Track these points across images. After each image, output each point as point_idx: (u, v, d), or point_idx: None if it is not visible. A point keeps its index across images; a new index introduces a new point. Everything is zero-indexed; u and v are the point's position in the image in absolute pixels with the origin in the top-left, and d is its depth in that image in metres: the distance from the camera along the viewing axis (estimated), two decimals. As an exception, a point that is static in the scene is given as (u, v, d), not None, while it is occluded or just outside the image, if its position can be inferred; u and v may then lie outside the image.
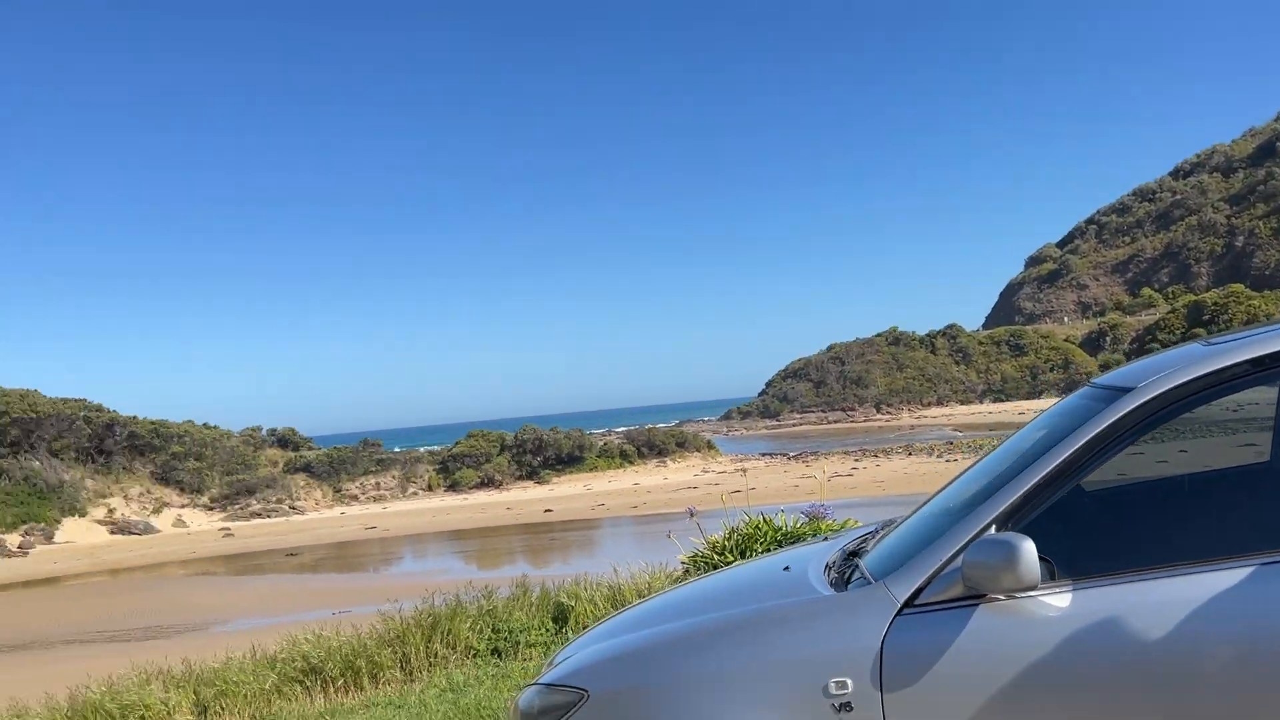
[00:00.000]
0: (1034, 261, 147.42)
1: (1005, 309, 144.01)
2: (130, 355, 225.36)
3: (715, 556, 8.20)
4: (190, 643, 22.51)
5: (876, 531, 3.77)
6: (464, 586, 8.97)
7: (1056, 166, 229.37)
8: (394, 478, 65.60)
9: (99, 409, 60.50)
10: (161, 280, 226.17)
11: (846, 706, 2.79)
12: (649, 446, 70.14)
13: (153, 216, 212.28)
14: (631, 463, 68.02)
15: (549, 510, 51.71)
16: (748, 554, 8.13)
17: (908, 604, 2.83)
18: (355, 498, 63.60)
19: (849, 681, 2.79)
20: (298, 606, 30.37)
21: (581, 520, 47.77)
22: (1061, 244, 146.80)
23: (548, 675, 3.51)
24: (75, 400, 60.01)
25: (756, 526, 8.28)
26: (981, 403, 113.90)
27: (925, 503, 3.64)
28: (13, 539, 52.47)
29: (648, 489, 57.00)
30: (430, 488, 65.66)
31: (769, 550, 8.17)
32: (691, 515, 8.12)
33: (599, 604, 8.26)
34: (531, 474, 65.86)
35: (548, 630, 8.10)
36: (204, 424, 65.29)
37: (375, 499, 63.48)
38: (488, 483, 64.87)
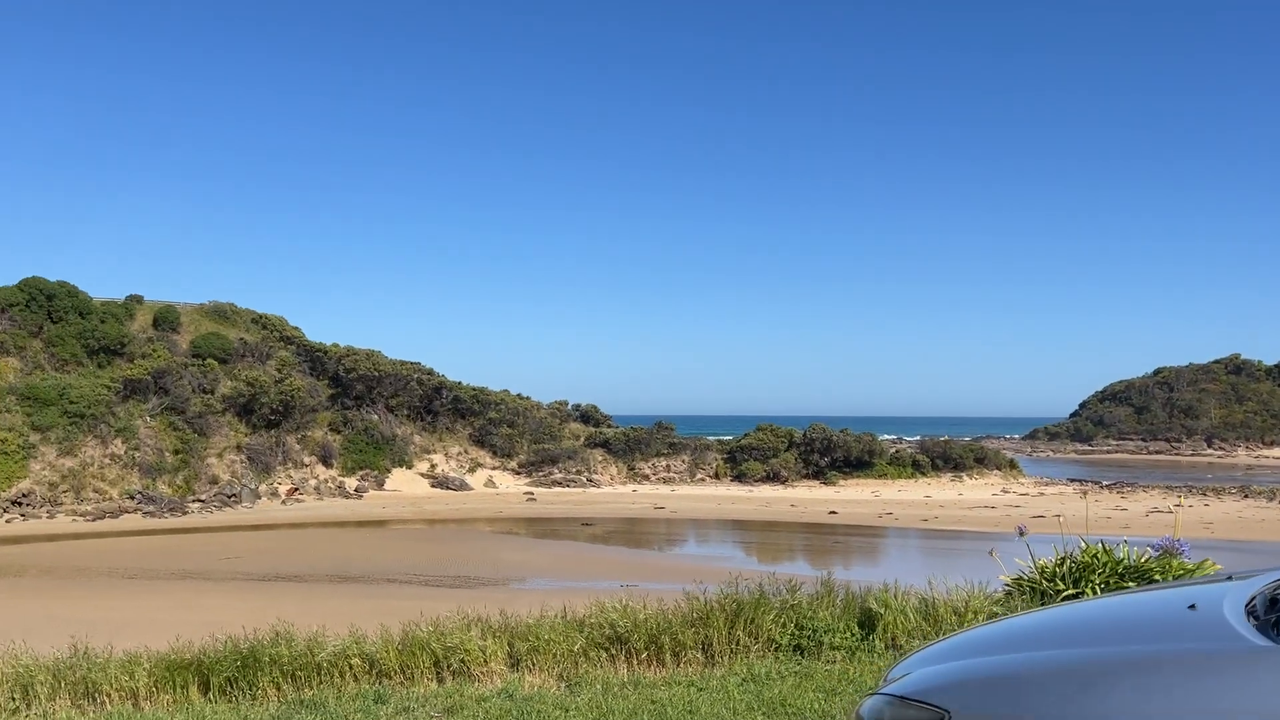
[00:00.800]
0: None
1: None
2: (458, 326, 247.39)
3: (1044, 583, 7.59)
4: (491, 595, 24.21)
5: (1304, 579, 3.21)
6: (765, 578, 8.83)
7: None
8: (684, 462, 67.25)
9: (430, 372, 66.44)
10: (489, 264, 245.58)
11: (1288, 782, 2.36)
12: (944, 459, 67.26)
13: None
14: (924, 474, 65.55)
15: (833, 512, 50.93)
16: (1081, 584, 7.48)
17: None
18: (646, 477, 65.86)
19: None
20: (589, 574, 31.90)
21: (866, 527, 46.64)
22: None
23: (894, 688, 3.27)
24: (411, 363, 66.19)
25: (1094, 555, 7.59)
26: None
27: None
28: (350, 482, 59.09)
29: (940, 503, 54.69)
30: (717, 475, 66.72)
31: (1106, 583, 7.47)
32: (1021, 534, 7.59)
33: (909, 615, 7.86)
34: (818, 474, 65.16)
35: (853, 635, 7.80)
36: (517, 394, 69.92)
37: (665, 480, 65.40)
38: (773, 477, 64.92)
